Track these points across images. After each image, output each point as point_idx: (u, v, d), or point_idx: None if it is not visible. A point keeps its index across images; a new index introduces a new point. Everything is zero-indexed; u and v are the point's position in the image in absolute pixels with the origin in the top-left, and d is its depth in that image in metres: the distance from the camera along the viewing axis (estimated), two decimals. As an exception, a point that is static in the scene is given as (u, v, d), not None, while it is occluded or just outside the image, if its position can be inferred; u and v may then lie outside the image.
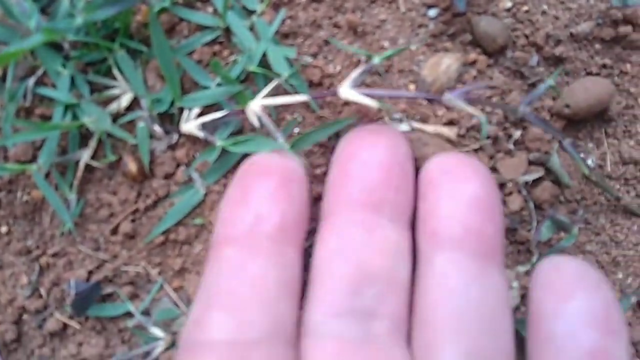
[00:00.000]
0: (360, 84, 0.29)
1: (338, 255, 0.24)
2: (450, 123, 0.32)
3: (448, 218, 0.24)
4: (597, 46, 0.35)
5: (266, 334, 0.22)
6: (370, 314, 0.23)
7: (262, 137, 0.29)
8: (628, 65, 0.35)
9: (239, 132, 0.32)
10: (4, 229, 0.33)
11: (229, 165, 0.32)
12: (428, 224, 0.25)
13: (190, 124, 0.31)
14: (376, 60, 0.29)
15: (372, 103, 0.28)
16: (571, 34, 0.34)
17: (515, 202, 0.33)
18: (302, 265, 0.25)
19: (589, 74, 0.35)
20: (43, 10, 0.33)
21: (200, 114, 0.32)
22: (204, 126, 0.31)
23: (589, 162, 0.35)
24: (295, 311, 0.24)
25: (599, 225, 0.35)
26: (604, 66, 0.35)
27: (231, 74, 0.32)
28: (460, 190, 0.25)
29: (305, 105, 0.32)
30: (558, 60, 0.34)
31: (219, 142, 0.30)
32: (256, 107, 0.30)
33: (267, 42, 0.32)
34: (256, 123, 0.30)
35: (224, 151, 0.31)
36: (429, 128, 0.31)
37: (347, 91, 0.29)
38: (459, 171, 0.26)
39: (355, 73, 0.29)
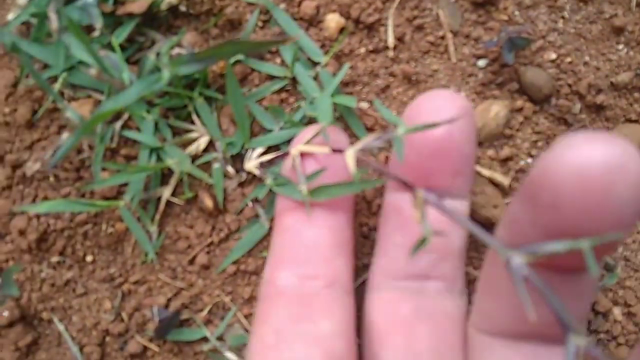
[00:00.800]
0: (369, 152, 0.30)
1: (398, 230, 0.28)
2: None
3: None
4: (636, 95, 0.37)
5: (325, 285, 0.27)
6: (424, 276, 0.27)
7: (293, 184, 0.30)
8: (665, 112, 0.37)
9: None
10: (90, 258, 0.36)
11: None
12: None
13: (252, 163, 0.34)
14: (401, 131, 0.25)
15: (354, 172, 0.26)
16: (611, 83, 0.37)
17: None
18: (352, 227, 0.30)
19: (628, 120, 0.37)
20: (128, 60, 0.36)
21: (265, 153, 0.35)
22: (262, 165, 0.34)
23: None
24: (350, 266, 0.29)
25: (637, 261, 0.37)
26: (643, 113, 0.37)
27: (294, 119, 0.35)
28: None
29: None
30: (599, 108, 0.37)
31: (268, 180, 0.33)
32: (295, 152, 0.30)
33: (330, 91, 0.35)
34: (289, 167, 0.30)
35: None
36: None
37: (350, 155, 0.27)
38: None
39: (369, 139, 0.26)
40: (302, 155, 0.29)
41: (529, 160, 0.36)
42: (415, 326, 0.26)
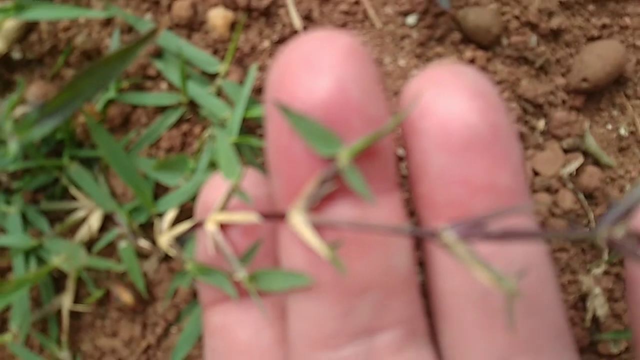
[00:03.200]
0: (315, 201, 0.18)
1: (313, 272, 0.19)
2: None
3: None
4: (591, 7, 0.32)
5: None
6: (369, 330, 0.19)
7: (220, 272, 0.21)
8: (627, 19, 0.32)
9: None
10: (-11, 419, 0.26)
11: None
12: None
13: (164, 238, 0.24)
14: (344, 158, 0.18)
15: (321, 249, 0.18)
16: (560, 2, 0.31)
17: (566, 199, 0.29)
18: None
19: (590, 39, 0.32)
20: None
21: (180, 216, 0.26)
22: (178, 239, 0.25)
23: (621, 131, 0.31)
24: None
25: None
26: (604, 26, 0.32)
27: (202, 165, 0.26)
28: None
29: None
30: (556, 34, 0.31)
31: (189, 265, 0.22)
32: (212, 227, 0.21)
33: (243, 106, 0.27)
34: (211, 250, 0.21)
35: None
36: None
37: (297, 219, 0.19)
38: None
39: (310, 187, 0.18)
40: (222, 226, 0.21)
41: (501, 117, 0.29)
42: None
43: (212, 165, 0.27)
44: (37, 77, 0.27)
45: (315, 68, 0.18)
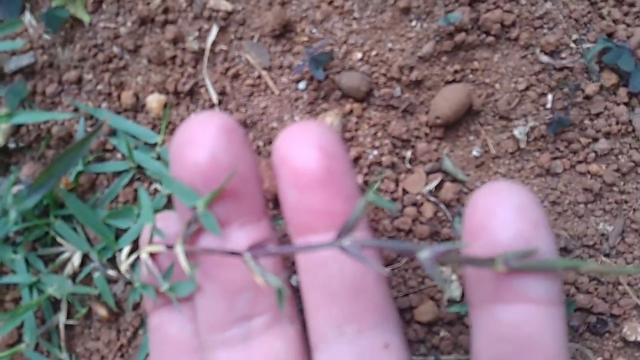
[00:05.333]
0: (189, 237, 0.26)
1: (207, 280, 0.27)
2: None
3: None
4: (444, 58, 0.40)
5: None
6: (246, 317, 0.27)
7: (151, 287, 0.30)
8: (475, 63, 0.41)
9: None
10: (16, 406, 0.37)
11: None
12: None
13: (123, 266, 0.34)
14: (200, 207, 0.25)
15: (187, 270, 0.26)
16: (419, 57, 0.40)
17: (428, 209, 0.38)
18: None
19: (448, 82, 0.40)
20: (-21, 210, 0.37)
21: (134, 249, 0.36)
22: (132, 266, 0.34)
23: (474, 152, 0.40)
24: None
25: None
26: (457, 71, 0.40)
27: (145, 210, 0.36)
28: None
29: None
30: (417, 83, 0.40)
31: (136, 283, 0.31)
32: (144, 256, 0.29)
33: (175, 166, 0.36)
34: (145, 272, 0.29)
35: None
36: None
37: (177, 249, 0.26)
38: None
39: (183, 228, 0.26)
40: (153, 255, 0.30)
41: (375, 152, 0.39)
42: None
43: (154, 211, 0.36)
44: (28, 159, 0.38)
45: (196, 144, 0.25)
